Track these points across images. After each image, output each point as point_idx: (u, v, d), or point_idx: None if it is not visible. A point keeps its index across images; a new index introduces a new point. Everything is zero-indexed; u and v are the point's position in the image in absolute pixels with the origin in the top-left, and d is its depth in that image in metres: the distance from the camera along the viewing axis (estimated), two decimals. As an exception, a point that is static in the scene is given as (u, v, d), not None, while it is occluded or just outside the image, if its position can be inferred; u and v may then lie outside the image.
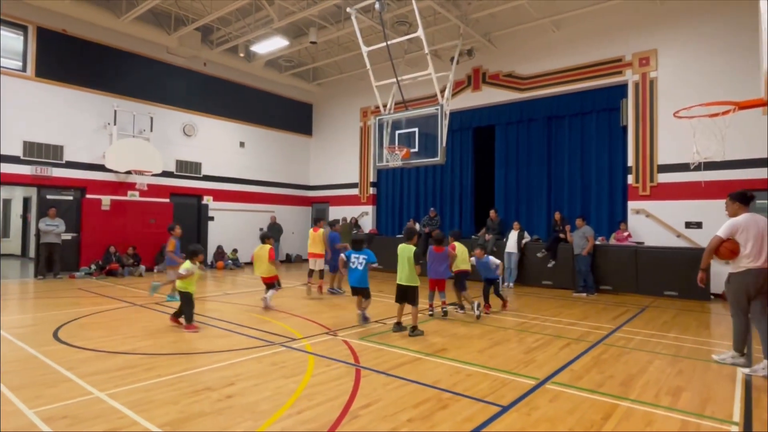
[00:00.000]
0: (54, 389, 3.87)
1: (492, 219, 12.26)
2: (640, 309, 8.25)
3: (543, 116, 12.71)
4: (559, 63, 12.12)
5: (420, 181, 15.50)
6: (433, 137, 9.64)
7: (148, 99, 13.47)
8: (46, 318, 6.79)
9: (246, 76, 15.84)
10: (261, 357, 4.90)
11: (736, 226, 4.68)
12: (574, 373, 4.50)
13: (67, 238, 11.70)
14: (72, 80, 11.99)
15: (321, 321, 6.80)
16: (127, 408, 3.47)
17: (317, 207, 18.10)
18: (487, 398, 3.78)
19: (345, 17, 12.15)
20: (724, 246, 4.69)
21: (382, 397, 3.78)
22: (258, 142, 16.45)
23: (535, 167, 12.88)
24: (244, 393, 3.82)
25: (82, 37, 12.11)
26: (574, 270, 10.25)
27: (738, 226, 4.66)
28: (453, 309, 7.81)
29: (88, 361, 4.67)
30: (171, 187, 13.98)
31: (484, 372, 4.48)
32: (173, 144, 14.02)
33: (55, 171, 11.66)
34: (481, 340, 5.81)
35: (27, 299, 8.74)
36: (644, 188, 10.76)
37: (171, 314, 6.51)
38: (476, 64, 13.61)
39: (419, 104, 12.23)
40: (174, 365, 4.55)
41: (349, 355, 5.00)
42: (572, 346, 5.52)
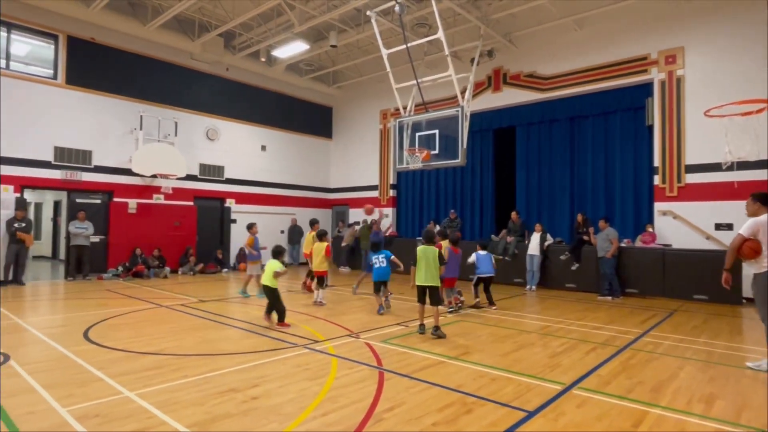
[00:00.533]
0: (85, 388, 3.96)
1: (513, 221, 12.12)
2: (668, 313, 8.04)
3: (565, 116, 12.53)
4: (582, 62, 11.93)
5: (440, 183, 15.44)
6: (454, 139, 9.60)
7: (173, 104, 13.76)
8: (76, 318, 6.98)
9: (267, 81, 16.05)
10: (284, 359, 4.94)
11: (757, 225, 4.64)
12: (602, 378, 4.40)
13: (96, 241, 12.01)
14: (100, 87, 12.33)
15: (342, 323, 6.82)
16: (155, 408, 3.53)
17: (337, 209, 18.19)
18: (513, 403, 3.73)
19: (365, 20, 12.20)
20: (747, 245, 4.64)
21: (406, 400, 3.77)
22: (279, 145, 16.63)
23: (557, 168, 12.70)
24: (269, 394, 3.86)
25: (109, 44, 12.45)
26: (598, 273, 10.05)
27: (759, 225, 4.62)
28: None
29: (117, 361, 4.78)
30: (195, 191, 14.24)
31: (508, 376, 4.42)
32: (197, 148, 14.28)
33: (84, 175, 11.99)
34: (504, 343, 5.74)
35: (58, 300, 9.00)
36: (671, 189, 10.49)
37: (264, 312, 6.75)
38: (497, 64, 13.50)
39: (439, 106, 12.19)
40: (200, 366, 4.62)
41: (372, 358, 5.00)
42: (598, 351, 5.41)
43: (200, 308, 7.94)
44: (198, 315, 7.35)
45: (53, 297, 9.32)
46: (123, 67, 12.76)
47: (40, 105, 11.30)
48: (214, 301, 8.71)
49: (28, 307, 8.14)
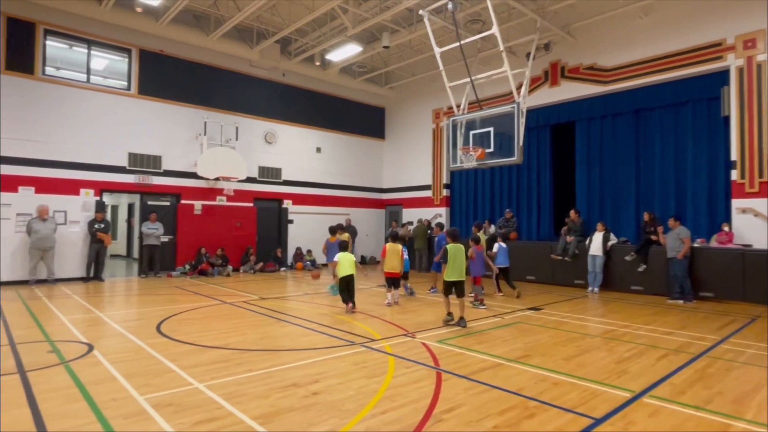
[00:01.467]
0: (160, 379, 4.23)
1: (573, 220, 11.64)
2: (750, 319, 7.41)
3: (630, 110, 11.87)
4: (648, 51, 11.25)
5: (495, 182, 15.12)
6: (509, 136, 9.37)
7: (234, 110, 14.39)
8: (149, 313, 7.46)
9: (321, 84, 16.41)
10: (343, 356, 5.02)
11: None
12: (675, 387, 4.13)
13: (165, 241, 12.79)
14: (168, 96, 13.12)
15: (398, 323, 6.84)
16: (223, 399, 3.71)
17: (390, 209, 18.28)
18: (578, 409, 3.58)
19: (417, 20, 12.18)
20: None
21: (465, 402, 3.72)
22: (333, 146, 16.96)
23: (621, 164, 12.05)
24: (329, 391, 3.94)
25: (176, 56, 13.22)
26: (667, 275, 9.45)
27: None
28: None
29: (187, 354, 5.06)
30: (254, 192, 14.81)
31: (572, 381, 4.25)
32: (256, 151, 14.86)
33: (154, 179, 12.81)
34: (566, 347, 5.53)
35: (132, 296, 9.67)
36: (752, 184, 9.66)
37: (348, 302, 7.64)
38: (554, 58, 13.03)
39: (494, 103, 11.94)
40: (263, 361, 4.80)
41: (429, 358, 4.97)
42: (671, 358, 5.08)
43: (261, 305, 8.25)
44: (259, 312, 7.63)
45: (128, 293, 10.01)
46: (188, 76, 13.51)
47: (116, 115, 12.19)
48: (273, 299, 9.02)
49: (108, 302, 8.81)
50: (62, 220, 11.23)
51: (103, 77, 12.35)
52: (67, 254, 11.24)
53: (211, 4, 12.28)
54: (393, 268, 8.31)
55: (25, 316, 7.11)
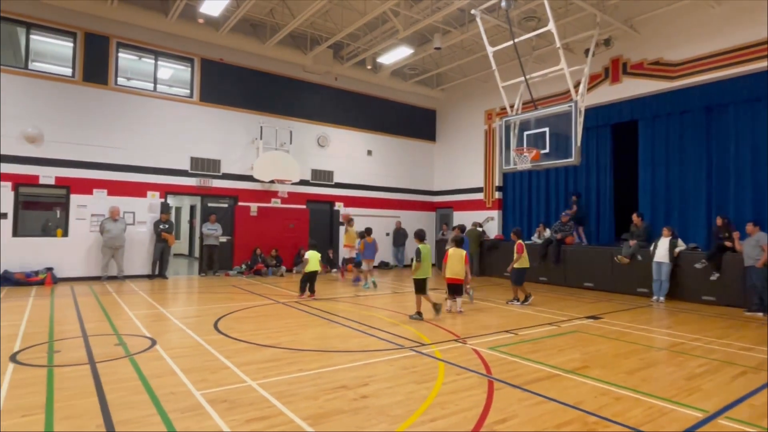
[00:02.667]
0: (216, 375, 4.37)
1: (636, 224, 10.99)
2: (844, 336, 6.66)
3: (700, 106, 11.05)
4: (720, 44, 10.43)
5: (551, 184, 14.57)
6: (565, 137, 8.99)
7: (288, 114, 14.80)
8: (207, 310, 7.78)
9: (373, 87, 16.54)
10: (392, 360, 4.99)
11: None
12: (756, 408, 3.76)
13: (224, 241, 13.34)
14: (227, 102, 13.70)
15: (449, 327, 6.72)
16: (274, 398, 3.77)
17: (441, 212, 18.10)
18: (643, 428, 3.33)
19: (469, 20, 11.98)
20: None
21: (519, 413, 3.56)
22: (384, 149, 17.03)
23: (690, 165, 11.24)
24: (378, 394, 3.91)
25: (234, 63, 13.78)
26: (744, 285, 8.69)
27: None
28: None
29: (241, 352, 5.21)
30: (307, 195, 15.15)
31: (636, 397, 3.98)
32: (309, 154, 15.19)
33: (214, 182, 13.40)
34: (629, 359, 5.20)
35: (192, 293, 10.13)
36: None
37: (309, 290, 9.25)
38: (615, 53, 12.39)
39: (549, 102, 11.53)
40: (313, 361, 4.85)
41: (480, 365, 4.83)
42: (749, 376, 4.64)
43: (313, 305, 8.38)
44: (311, 312, 7.76)
45: (189, 290, 10.51)
46: (245, 83, 14.04)
47: (180, 121, 12.88)
48: (325, 300, 9.14)
49: (170, 299, 9.29)
50: (131, 221, 11.98)
51: (168, 86, 13.09)
52: (134, 253, 11.98)
53: (267, 12, 12.70)
54: (456, 274, 7.90)
55: (96, 310, 7.62)
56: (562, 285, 12.15)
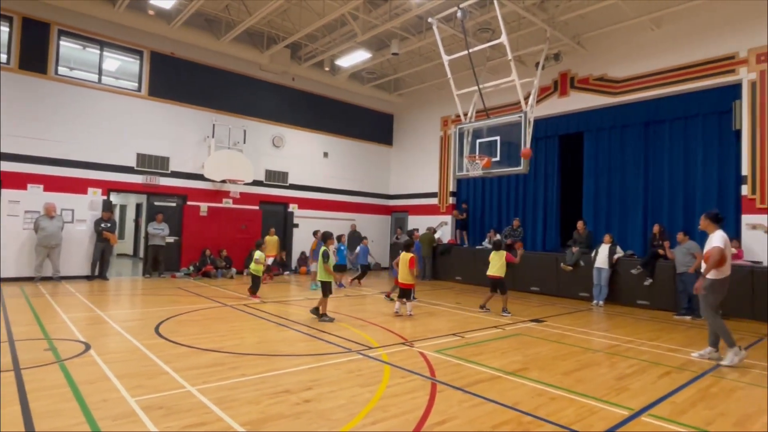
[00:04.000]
0: (153, 380, 4.21)
1: (579, 231, 11.52)
2: (758, 338, 7.25)
3: (639, 122, 11.75)
4: (659, 63, 11.15)
5: (502, 191, 15.02)
6: (516, 146, 9.31)
7: (243, 113, 14.48)
8: (150, 313, 7.47)
9: (330, 89, 16.47)
10: (338, 363, 4.97)
11: (725, 239, 5.64)
12: (676, 406, 4.03)
13: (171, 241, 12.85)
14: (178, 98, 13.24)
15: (398, 331, 6.78)
16: (213, 404, 3.67)
17: (396, 216, 18.24)
18: (573, 426, 3.49)
19: (426, 27, 12.19)
20: (723, 256, 5.53)
21: (458, 414, 3.65)
22: (341, 152, 16.99)
23: (629, 176, 11.91)
24: (321, 399, 3.89)
25: (187, 58, 13.35)
26: (674, 290, 9.29)
27: (726, 240, 5.64)
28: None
29: (182, 356, 5.04)
30: (260, 195, 14.86)
31: (570, 397, 4.16)
32: (263, 154, 14.92)
33: (162, 180, 12.89)
34: (566, 361, 5.43)
35: (135, 295, 9.70)
36: (762, 200, 9.49)
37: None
38: (564, 68, 12.96)
39: (501, 112, 11.88)
40: (257, 366, 4.76)
41: (425, 368, 4.91)
42: (673, 375, 4.97)
43: (262, 309, 8.23)
44: (259, 315, 7.61)
45: (132, 292, 10.05)
46: (198, 79, 13.63)
47: (126, 115, 12.32)
48: (275, 303, 8.99)
49: (110, 301, 8.85)
50: (69, 219, 11.32)
51: (114, 78, 12.50)
52: (72, 252, 11.32)
53: (223, 8, 12.40)
54: (404, 279, 8.17)
55: (26, 313, 7.15)
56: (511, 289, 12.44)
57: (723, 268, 5.62)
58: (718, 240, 5.63)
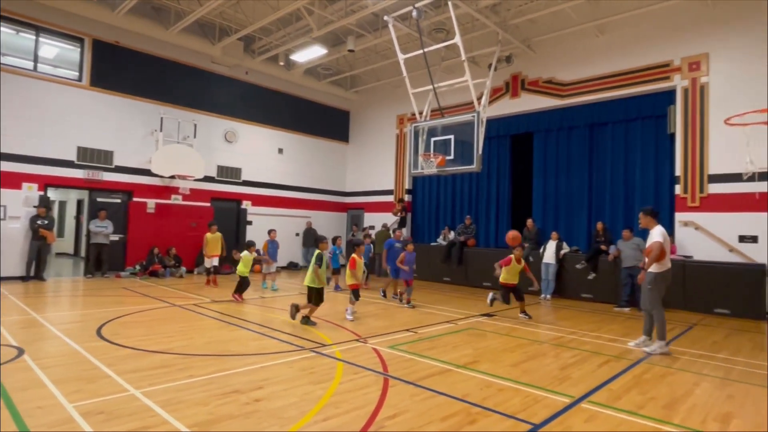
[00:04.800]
0: (93, 385, 4.02)
1: (529, 228, 11.95)
2: (688, 327, 7.80)
3: (584, 123, 12.32)
4: (603, 68, 11.73)
5: (456, 189, 15.33)
6: (470, 145, 9.52)
7: (193, 107, 13.99)
8: (91, 315, 7.10)
9: (285, 84, 16.21)
10: (291, 362, 4.93)
11: (664, 234, 5.90)
12: (613, 392, 4.28)
13: (115, 239, 12.25)
14: (123, 89, 12.61)
15: (351, 328, 6.80)
16: (158, 407, 3.55)
17: (352, 213, 18.23)
18: (519, 415, 3.64)
19: (382, 25, 12.23)
20: (663, 250, 5.81)
21: (410, 408, 3.71)
22: (296, 148, 16.76)
23: (575, 176, 12.48)
24: (272, 397, 3.85)
25: (133, 48, 12.73)
26: (616, 283, 9.83)
27: (665, 234, 5.91)
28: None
29: (126, 359, 4.83)
30: (212, 192, 14.43)
31: (517, 387, 4.33)
32: (215, 150, 14.49)
33: (105, 175, 12.26)
34: (514, 353, 5.64)
35: (76, 296, 9.19)
36: (693, 199, 10.21)
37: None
38: (515, 70, 13.38)
39: (456, 111, 12.12)
40: (206, 366, 4.65)
41: (378, 364, 4.95)
42: (612, 364, 5.26)
43: (212, 308, 8.01)
44: (210, 315, 7.41)
45: (72, 293, 9.51)
46: (145, 70, 13.04)
47: (65, 106, 11.61)
48: (226, 302, 8.78)
49: (48, 303, 8.33)
50: (1, 215, 10.56)
51: (52, 66, 11.75)
52: (5, 252, 10.57)
53: (172, -4, 11.94)
54: (348, 279, 7.82)
55: (-49, 317, 6.62)
56: (464, 285, 12.84)
57: (663, 262, 5.86)
58: (657, 235, 5.88)
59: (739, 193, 9.50)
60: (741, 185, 9.33)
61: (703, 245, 9.96)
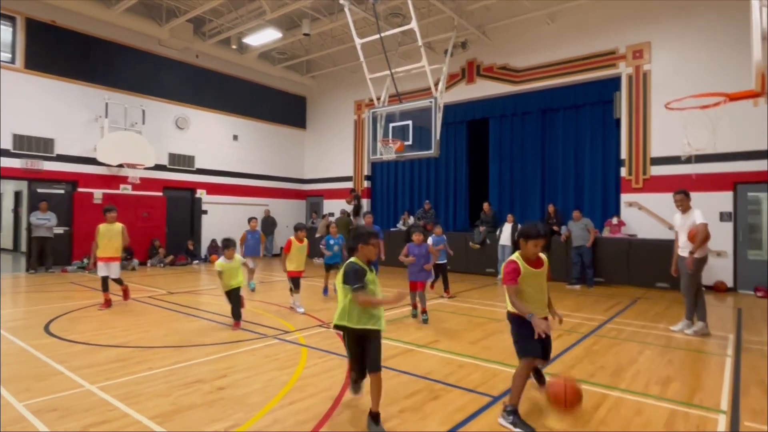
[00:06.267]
0: (44, 382, 3.85)
1: (485, 212, 12.28)
2: (632, 300, 8.31)
3: (537, 109, 12.70)
4: (554, 55, 12.10)
5: (414, 174, 15.48)
6: (427, 130, 9.62)
7: (140, 92, 13.34)
8: (37, 312, 6.75)
9: (239, 69, 15.72)
10: (254, 350, 4.90)
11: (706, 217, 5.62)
12: (565, 363, 4.53)
13: (59, 232, 11.60)
14: (62, 72, 11.84)
15: (314, 314, 6.80)
16: (117, 400, 3.46)
17: (311, 200, 18.07)
18: (479, 389, 3.80)
19: (338, 9, 12.05)
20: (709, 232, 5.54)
21: (374, 388, 3.78)
22: (252, 135, 16.36)
23: (529, 160, 12.89)
24: (236, 385, 3.82)
25: (72, 28, 11.94)
26: (567, 262, 10.30)
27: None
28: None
29: (79, 355, 4.64)
30: (164, 181, 13.89)
31: (476, 363, 4.50)
32: (166, 137, 13.91)
33: (46, 164, 11.54)
34: (473, 332, 5.83)
35: (19, 293, 8.68)
36: (637, 181, 10.80)
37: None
38: (470, 56, 13.57)
39: (413, 97, 12.20)
40: (166, 358, 4.54)
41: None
42: (564, 338, 5.55)
43: (169, 300, 7.79)
44: (166, 307, 7.21)
45: (14, 290, 8.97)
46: (87, 52, 12.28)
47: (-3, 90, 10.80)
48: (183, 293, 8.55)
49: (-15, 301, 7.82)
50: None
51: (-20, 47, 10.87)
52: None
53: (113, -26, 11.26)
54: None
55: None
56: (424, 269, 13.02)
57: (707, 245, 5.58)
58: (702, 216, 5.54)
59: (678, 175, 10.11)
60: (680, 167, 9.94)
61: (646, 224, 10.59)
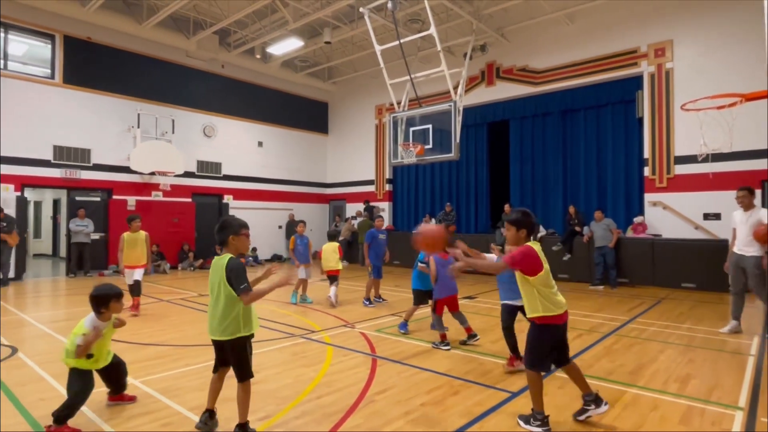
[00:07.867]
0: (92, 377, 4.15)
1: (506, 214, 12.31)
2: (656, 301, 8.26)
3: (558, 110, 12.69)
4: (573, 56, 12.08)
5: (435, 177, 15.62)
6: (447, 133, 9.75)
7: (170, 102, 13.89)
8: (80, 313, 7.13)
9: (263, 77, 16.17)
10: (282, 348, 5.14)
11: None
12: (585, 362, 4.61)
13: (96, 238, 12.18)
14: (97, 86, 12.45)
15: (339, 314, 7.03)
16: (159, 393, 3.74)
17: (334, 204, 18.38)
18: (498, 385, 3.94)
19: (358, 17, 12.32)
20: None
21: (397, 384, 3.97)
22: (276, 141, 16.78)
23: (550, 161, 12.88)
24: (267, 380, 4.06)
25: (106, 44, 12.55)
26: (590, 263, 10.27)
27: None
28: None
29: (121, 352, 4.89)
30: (193, 187, 14.40)
31: (496, 361, 4.63)
32: (194, 145, 14.43)
33: (83, 173, 12.15)
34: (494, 331, 5.94)
35: (60, 296, 9.18)
36: (661, 180, 10.69)
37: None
38: (490, 59, 13.64)
39: (433, 101, 12.35)
40: (201, 355, 4.82)
41: (366, 346, 5.20)
42: (584, 337, 5.62)
43: (200, 302, 8.14)
44: (198, 309, 7.55)
45: (55, 293, 9.49)
46: (120, 65, 12.88)
47: (38, 104, 11.43)
48: (213, 295, 8.87)
49: (29, 304, 8.32)
50: (-23, 218, 10.38)
51: (22, 64, 11.53)
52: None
53: (144, -10, 11.79)
54: (329, 267, 7.99)
55: (-64, 320, 6.61)
56: (446, 270, 13.14)
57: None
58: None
59: (702, 173, 9.99)
60: (704, 166, 9.81)
61: (671, 223, 10.47)
